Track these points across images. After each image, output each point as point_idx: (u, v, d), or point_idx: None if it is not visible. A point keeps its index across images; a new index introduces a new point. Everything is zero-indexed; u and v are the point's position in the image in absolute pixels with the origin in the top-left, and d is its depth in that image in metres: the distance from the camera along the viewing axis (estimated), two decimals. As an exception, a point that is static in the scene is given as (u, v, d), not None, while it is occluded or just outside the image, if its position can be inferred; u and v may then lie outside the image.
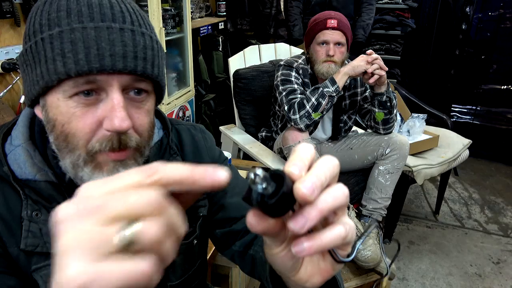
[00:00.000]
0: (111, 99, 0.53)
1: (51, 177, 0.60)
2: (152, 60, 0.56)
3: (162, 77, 0.61)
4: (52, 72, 0.52)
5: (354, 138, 1.95)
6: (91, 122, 0.54)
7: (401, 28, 3.39)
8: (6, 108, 1.64)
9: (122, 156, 0.56)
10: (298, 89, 1.78)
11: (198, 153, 0.77)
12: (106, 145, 0.54)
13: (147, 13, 1.95)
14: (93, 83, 0.52)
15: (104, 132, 0.54)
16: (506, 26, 3.65)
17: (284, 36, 3.28)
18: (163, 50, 0.61)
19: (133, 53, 0.53)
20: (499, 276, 2.19)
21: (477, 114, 3.87)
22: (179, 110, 2.31)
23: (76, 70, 0.51)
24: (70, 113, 0.53)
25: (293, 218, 0.32)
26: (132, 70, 0.53)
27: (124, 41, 0.52)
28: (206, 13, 3.09)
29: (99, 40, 0.51)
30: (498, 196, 2.99)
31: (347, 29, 1.78)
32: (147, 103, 0.59)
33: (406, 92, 2.95)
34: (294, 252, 0.34)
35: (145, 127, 0.59)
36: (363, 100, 1.92)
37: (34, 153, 0.61)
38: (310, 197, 0.32)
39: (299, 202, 0.32)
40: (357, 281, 1.76)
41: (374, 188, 1.79)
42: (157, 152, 0.70)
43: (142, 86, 0.56)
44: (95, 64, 0.51)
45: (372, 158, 1.84)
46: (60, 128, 0.54)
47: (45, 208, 0.59)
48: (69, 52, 0.51)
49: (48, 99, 0.55)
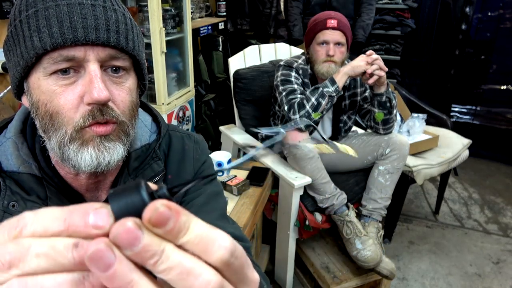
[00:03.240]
0: (89, 73, 0.55)
1: (34, 170, 0.62)
2: (125, 34, 0.58)
3: (139, 52, 0.63)
4: (30, 49, 0.55)
5: (354, 138, 1.95)
6: (72, 99, 0.56)
7: (401, 28, 3.38)
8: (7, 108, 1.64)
9: (107, 131, 0.58)
10: (298, 89, 1.78)
11: (183, 162, 0.76)
12: (89, 118, 0.56)
13: (147, 13, 1.95)
14: (71, 61, 0.55)
15: (85, 107, 0.56)
16: (506, 26, 3.65)
17: (284, 36, 3.28)
18: (139, 29, 0.64)
19: (105, 25, 0.56)
20: (499, 276, 2.19)
21: (477, 114, 3.87)
22: (179, 110, 2.31)
23: (51, 43, 0.53)
24: (51, 91, 0.56)
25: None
26: (105, 41, 0.56)
27: (96, 15, 0.55)
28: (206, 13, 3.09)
29: (71, 15, 0.54)
30: (498, 196, 3.00)
31: (347, 29, 1.78)
32: (127, 81, 0.61)
33: (406, 92, 2.95)
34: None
35: (127, 104, 0.61)
36: (363, 100, 1.92)
37: (21, 145, 0.63)
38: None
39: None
40: (357, 281, 1.77)
41: (374, 188, 1.79)
42: (141, 154, 0.70)
43: (119, 63, 0.59)
44: (68, 35, 0.54)
45: (372, 158, 1.84)
46: (44, 108, 0.57)
47: (23, 200, 0.60)
48: (44, 27, 0.54)
49: (30, 81, 0.57)
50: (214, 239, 0.22)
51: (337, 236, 1.92)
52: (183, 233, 0.22)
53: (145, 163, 0.70)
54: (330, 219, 1.82)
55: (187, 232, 0.22)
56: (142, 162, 0.70)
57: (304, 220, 1.78)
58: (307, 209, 1.79)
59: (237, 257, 0.23)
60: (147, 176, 0.70)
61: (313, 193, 1.78)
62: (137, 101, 0.65)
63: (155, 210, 0.21)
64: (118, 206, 0.23)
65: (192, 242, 0.22)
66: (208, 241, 0.22)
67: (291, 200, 1.74)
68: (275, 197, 1.91)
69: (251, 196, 1.60)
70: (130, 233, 0.21)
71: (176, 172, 0.75)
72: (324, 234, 2.04)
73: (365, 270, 1.75)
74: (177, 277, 0.21)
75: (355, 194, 1.88)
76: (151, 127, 0.74)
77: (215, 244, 0.22)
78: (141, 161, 0.70)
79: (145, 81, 0.68)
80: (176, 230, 0.22)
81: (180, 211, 0.22)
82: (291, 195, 1.74)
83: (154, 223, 0.21)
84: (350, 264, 1.80)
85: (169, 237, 0.22)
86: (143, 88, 0.69)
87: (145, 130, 0.73)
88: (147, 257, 0.21)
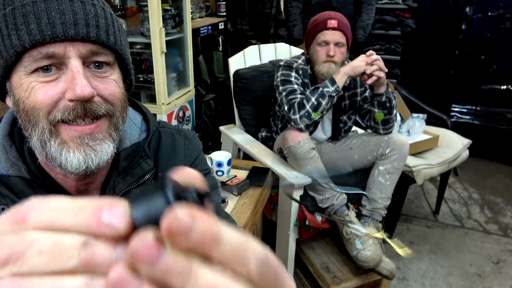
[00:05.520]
0: (71, 69, 0.54)
1: (24, 173, 0.61)
2: (106, 28, 0.57)
3: (122, 47, 0.61)
4: (9, 47, 0.54)
5: (354, 138, 1.95)
6: (53, 94, 0.55)
7: (401, 28, 3.39)
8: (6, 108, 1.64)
9: (90, 129, 0.57)
10: (298, 89, 1.78)
11: (173, 159, 0.74)
12: (70, 114, 0.55)
13: (147, 13, 1.95)
14: (51, 58, 0.54)
15: (66, 103, 0.55)
16: (506, 26, 3.64)
17: (284, 36, 3.28)
18: (120, 23, 0.63)
19: (84, 20, 0.55)
20: (499, 276, 2.19)
21: (477, 114, 3.87)
22: (179, 110, 2.31)
23: (29, 40, 0.53)
24: (30, 87, 0.55)
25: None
26: (85, 36, 0.55)
27: (74, 10, 0.55)
28: (206, 13, 3.09)
29: (49, 11, 0.53)
30: (498, 196, 2.99)
31: (347, 29, 1.78)
32: (112, 75, 0.60)
33: (406, 92, 2.95)
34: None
35: (116, 96, 0.60)
36: (363, 100, 1.92)
37: (10, 148, 0.62)
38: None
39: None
40: (357, 281, 1.77)
41: (374, 188, 1.79)
42: (130, 153, 0.69)
43: (101, 58, 0.58)
44: (47, 32, 0.53)
45: (372, 158, 1.84)
46: (22, 105, 0.56)
47: (13, 203, 0.60)
48: (22, 25, 0.53)
49: (12, 80, 0.57)
50: (249, 248, 0.20)
51: (337, 236, 1.92)
52: (213, 246, 0.18)
53: (134, 162, 0.69)
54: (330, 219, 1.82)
55: (218, 245, 0.18)
56: (131, 162, 0.69)
57: (304, 220, 1.78)
58: (307, 209, 1.79)
59: (271, 267, 0.20)
60: (136, 175, 0.68)
61: (313, 193, 1.78)
62: (126, 95, 0.64)
63: (175, 219, 0.17)
64: (137, 208, 0.19)
65: (224, 256, 0.19)
66: (241, 253, 0.19)
67: (291, 200, 1.74)
68: (275, 197, 1.91)
69: (251, 196, 1.60)
70: (150, 250, 0.17)
71: (166, 169, 0.74)
72: (324, 234, 2.04)
73: (365, 270, 1.75)
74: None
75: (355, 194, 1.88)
76: (141, 126, 0.73)
77: (250, 255, 0.19)
78: (130, 161, 0.69)
79: (130, 76, 0.66)
80: (205, 242, 0.18)
81: (208, 220, 0.18)
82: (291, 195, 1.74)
83: (174, 234, 0.17)
84: (350, 264, 1.80)
85: (198, 252, 0.18)
86: (129, 84, 0.67)
87: (135, 128, 0.72)
88: (172, 277, 0.17)
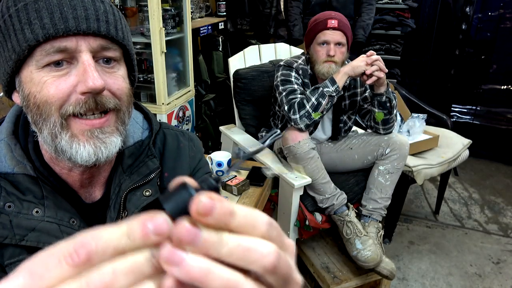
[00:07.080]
0: (82, 63, 0.56)
1: (29, 171, 0.62)
2: (114, 23, 0.59)
3: (129, 42, 0.63)
4: (22, 41, 0.55)
5: (354, 138, 1.95)
6: (64, 88, 0.56)
7: (401, 28, 3.39)
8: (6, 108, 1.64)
9: (102, 123, 0.59)
10: (298, 89, 1.78)
11: (179, 160, 0.77)
12: (82, 107, 0.56)
13: (147, 13, 1.95)
14: (63, 52, 0.55)
15: (78, 96, 0.56)
16: (506, 26, 3.65)
17: (284, 36, 3.28)
18: (125, 21, 0.65)
19: (95, 15, 0.57)
20: (499, 276, 2.19)
21: (477, 114, 3.87)
22: (179, 110, 2.31)
23: (43, 34, 0.54)
24: (42, 82, 0.56)
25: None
26: (96, 30, 0.56)
27: (85, 6, 0.56)
28: (206, 13, 3.09)
29: (61, 6, 0.55)
30: (498, 196, 2.99)
31: (347, 29, 1.78)
32: (119, 70, 0.62)
33: (406, 92, 2.95)
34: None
35: (124, 91, 0.62)
36: (363, 100, 1.92)
37: (15, 146, 0.63)
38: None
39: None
40: (357, 281, 1.77)
41: (374, 188, 1.79)
42: (135, 151, 0.70)
43: (110, 53, 0.59)
44: (60, 26, 0.54)
45: (372, 158, 1.84)
46: (33, 100, 0.57)
47: (19, 200, 0.60)
48: (35, 19, 0.54)
49: (22, 75, 0.58)
50: (257, 216, 0.25)
51: (337, 236, 1.92)
52: (231, 217, 0.24)
53: (139, 161, 0.70)
54: (330, 219, 1.82)
55: (234, 215, 0.24)
56: (136, 159, 0.70)
57: (304, 220, 1.78)
58: (307, 209, 1.79)
59: (275, 227, 0.26)
60: (142, 174, 0.70)
61: (313, 193, 1.78)
62: (132, 90, 0.66)
63: (199, 203, 0.23)
64: (171, 207, 0.24)
65: (241, 222, 0.24)
66: (253, 218, 0.25)
67: (291, 200, 1.74)
68: (275, 197, 1.91)
69: (251, 196, 1.60)
70: (190, 232, 0.23)
71: (172, 169, 0.75)
72: (324, 234, 2.04)
73: (365, 270, 1.75)
74: (239, 256, 0.23)
75: (355, 194, 1.88)
76: (142, 124, 0.75)
77: (259, 220, 0.25)
78: (135, 158, 0.70)
79: (134, 72, 0.68)
80: (224, 216, 0.24)
81: (222, 199, 0.24)
82: (291, 195, 1.74)
83: (202, 213, 0.23)
84: (350, 264, 1.80)
85: (221, 224, 0.24)
86: (133, 80, 0.69)
87: (137, 127, 0.73)
88: (210, 247, 0.23)
